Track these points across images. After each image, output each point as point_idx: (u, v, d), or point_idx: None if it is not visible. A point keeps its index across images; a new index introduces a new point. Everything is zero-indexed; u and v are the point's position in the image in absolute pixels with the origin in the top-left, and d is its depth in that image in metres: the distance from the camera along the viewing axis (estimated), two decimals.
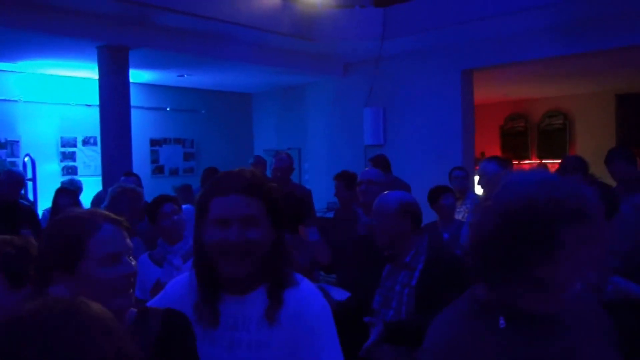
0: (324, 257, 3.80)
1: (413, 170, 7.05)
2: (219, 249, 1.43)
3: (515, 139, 11.19)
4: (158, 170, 9.02)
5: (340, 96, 8.44)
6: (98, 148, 6.82)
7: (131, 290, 1.36)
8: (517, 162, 10.53)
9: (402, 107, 7.63)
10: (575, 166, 4.47)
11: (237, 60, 7.13)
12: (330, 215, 6.08)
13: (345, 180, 4.72)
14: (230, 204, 1.43)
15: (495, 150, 11.07)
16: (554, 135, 10.64)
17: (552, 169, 10.00)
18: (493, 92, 9.57)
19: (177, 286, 1.60)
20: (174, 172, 9.17)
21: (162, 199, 3.21)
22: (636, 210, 3.04)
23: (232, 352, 1.44)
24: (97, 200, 5.92)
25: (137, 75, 7.72)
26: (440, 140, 7.22)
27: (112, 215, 1.37)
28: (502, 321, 1.16)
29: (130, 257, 1.38)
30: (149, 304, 1.59)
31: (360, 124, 7.92)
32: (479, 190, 7.45)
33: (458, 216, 5.03)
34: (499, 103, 11.00)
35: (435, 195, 4.72)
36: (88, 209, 1.41)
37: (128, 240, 1.38)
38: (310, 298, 1.51)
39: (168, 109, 9.08)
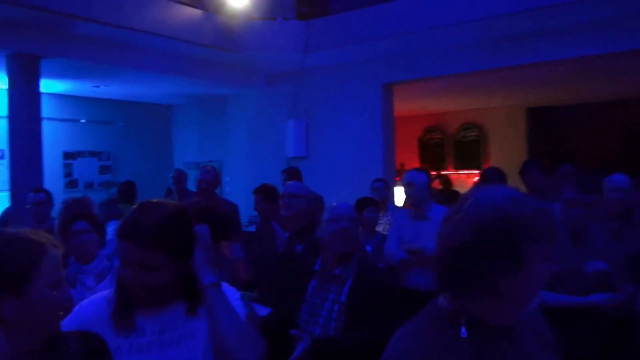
0: (245, 273, 3.74)
1: (335, 182, 7.14)
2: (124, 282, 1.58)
3: (433, 151, 11.57)
4: (72, 184, 8.60)
5: (263, 108, 8.40)
6: (6, 162, 6.41)
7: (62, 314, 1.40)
8: (435, 172, 10.86)
9: (325, 119, 7.70)
10: (495, 177, 4.69)
11: (156, 72, 6.93)
12: (253, 229, 6.02)
13: (264, 193, 4.68)
14: (129, 250, 1.52)
15: (414, 162, 11.37)
16: (469, 146, 11.08)
17: (468, 179, 10.45)
18: (412, 105, 9.85)
19: (90, 306, 1.64)
20: (89, 186, 8.78)
21: (74, 216, 3.04)
22: None
23: (164, 352, 1.54)
24: (5, 217, 5.56)
25: (50, 86, 7.34)
26: (362, 152, 7.33)
27: (53, 240, 1.38)
28: (463, 330, 1.19)
29: None
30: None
31: (283, 136, 7.91)
32: (399, 201, 7.65)
33: (379, 228, 5.08)
34: (418, 116, 11.34)
35: (359, 207, 4.76)
36: (30, 230, 1.37)
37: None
38: (225, 288, 1.64)
39: (83, 121, 8.69)
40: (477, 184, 4.98)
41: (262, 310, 2.86)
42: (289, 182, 4.32)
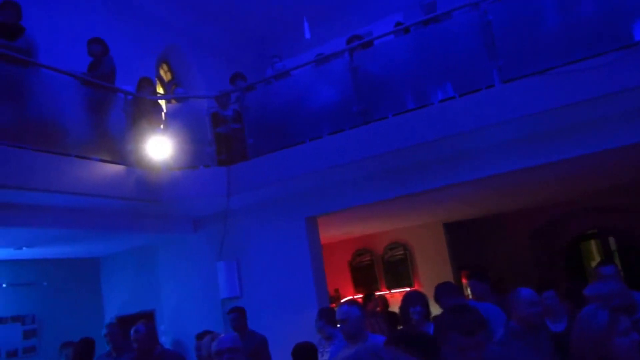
0: None
1: (272, 319, 7.17)
2: None
3: (365, 273, 11.83)
4: None
5: (192, 252, 8.44)
6: None
7: None
8: (369, 293, 11.05)
9: (254, 257, 7.83)
10: (415, 300, 4.95)
11: (81, 229, 6.91)
12: None
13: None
14: None
15: (348, 285, 11.58)
16: (397, 265, 11.46)
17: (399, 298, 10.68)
18: (338, 231, 10.21)
19: None
20: (13, 354, 8.27)
21: None
22: None
23: None
24: None
25: None
26: (294, 285, 7.42)
27: None
28: None
29: None
30: None
31: (215, 278, 7.93)
32: None
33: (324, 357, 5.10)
34: (346, 240, 11.71)
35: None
36: None
37: None
38: None
39: (4, 285, 8.39)
40: (400, 306, 5.19)
41: None
42: (222, 335, 4.26)
